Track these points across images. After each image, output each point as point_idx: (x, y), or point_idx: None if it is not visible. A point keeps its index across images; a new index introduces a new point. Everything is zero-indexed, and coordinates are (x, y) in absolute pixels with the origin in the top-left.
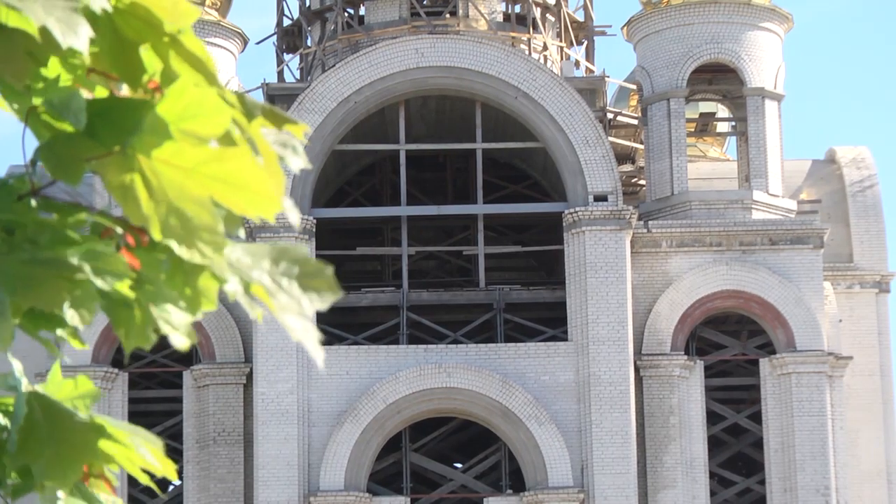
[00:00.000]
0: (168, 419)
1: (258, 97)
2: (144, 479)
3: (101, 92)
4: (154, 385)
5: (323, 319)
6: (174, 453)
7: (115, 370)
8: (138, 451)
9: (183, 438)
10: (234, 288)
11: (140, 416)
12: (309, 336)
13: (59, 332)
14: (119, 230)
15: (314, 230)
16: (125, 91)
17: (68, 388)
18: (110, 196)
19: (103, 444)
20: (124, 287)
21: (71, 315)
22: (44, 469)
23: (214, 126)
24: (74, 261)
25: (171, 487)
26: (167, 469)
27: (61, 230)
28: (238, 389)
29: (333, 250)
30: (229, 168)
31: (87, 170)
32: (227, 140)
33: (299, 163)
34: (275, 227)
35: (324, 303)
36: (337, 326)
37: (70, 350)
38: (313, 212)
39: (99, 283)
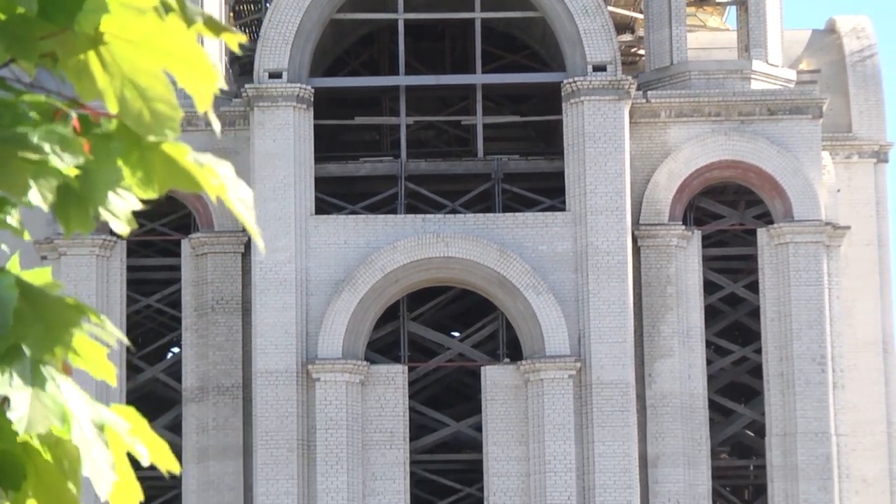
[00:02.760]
0: (166, 287)
1: None
2: (100, 374)
3: None
4: (152, 253)
5: (320, 189)
6: (173, 321)
7: (113, 238)
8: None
9: (181, 306)
10: (193, 159)
11: (138, 284)
12: (250, 218)
13: (9, 219)
14: (72, 113)
15: (312, 100)
16: None
17: (30, 277)
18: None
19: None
20: (71, 172)
21: (33, 195)
22: (33, 346)
23: None
24: (35, 139)
25: (169, 355)
26: (103, 367)
27: (21, 110)
28: (236, 258)
29: (331, 120)
30: (172, 42)
31: (42, 50)
32: (163, 9)
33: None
34: (273, 97)
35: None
36: (335, 196)
37: None
38: (311, 81)
39: (57, 163)
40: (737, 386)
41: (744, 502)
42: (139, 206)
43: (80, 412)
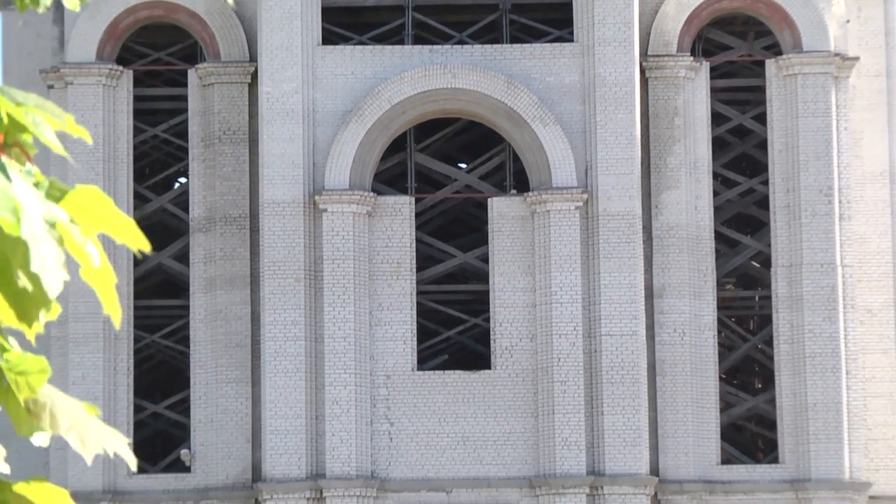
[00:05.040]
0: (173, 117)
1: None
2: (58, 150)
3: None
4: (159, 83)
5: (327, 19)
6: (180, 151)
7: (120, 68)
8: (34, 123)
9: (188, 137)
10: None
11: (145, 113)
12: None
13: None
14: None
15: None
16: None
17: None
18: None
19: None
20: None
21: None
22: None
23: None
24: None
25: (176, 185)
26: (75, 128)
27: None
28: (243, 88)
29: None
30: None
31: None
32: None
33: None
34: None
35: None
36: (341, 26)
37: (74, 47)
38: None
39: None
40: (743, 217)
41: (748, 332)
42: None
43: (32, 208)
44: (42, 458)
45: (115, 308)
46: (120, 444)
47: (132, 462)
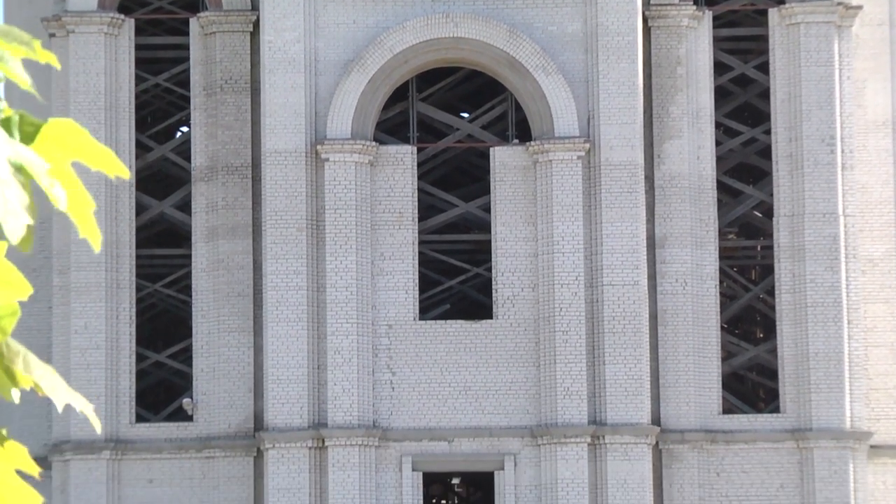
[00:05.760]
0: (175, 66)
1: None
2: (25, 84)
3: None
4: (161, 32)
5: None
6: (182, 100)
7: (122, 16)
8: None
9: (190, 86)
10: None
11: (147, 62)
12: None
13: None
14: None
15: None
16: None
17: None
18: None
19: None
20: None
21: None
22: None
23: None
24: None
25: (178, 134)
26: (44, 54)
27: None
28: (245, 37)
29: None
30: None
31: None
32: None
33: None
34: None
35: None
36: None
37: None
38: None
39: None
40: (745, 166)
41: (750, 282)
42: None
43: None
44: (44, 408)
45: (92, 232)
46: (86, 405)
47: (97, 425)
